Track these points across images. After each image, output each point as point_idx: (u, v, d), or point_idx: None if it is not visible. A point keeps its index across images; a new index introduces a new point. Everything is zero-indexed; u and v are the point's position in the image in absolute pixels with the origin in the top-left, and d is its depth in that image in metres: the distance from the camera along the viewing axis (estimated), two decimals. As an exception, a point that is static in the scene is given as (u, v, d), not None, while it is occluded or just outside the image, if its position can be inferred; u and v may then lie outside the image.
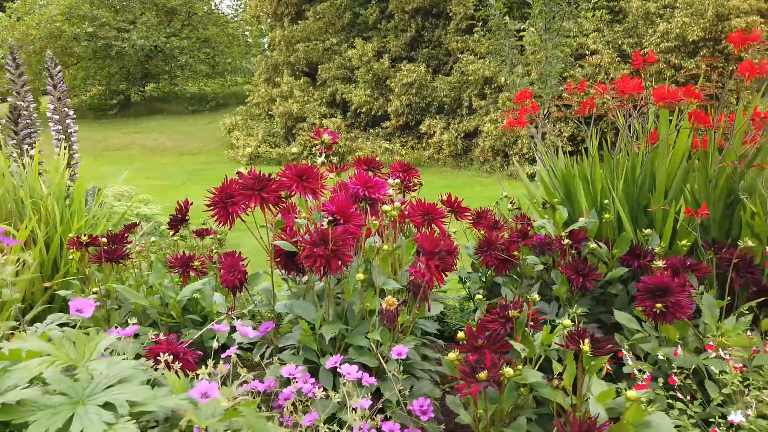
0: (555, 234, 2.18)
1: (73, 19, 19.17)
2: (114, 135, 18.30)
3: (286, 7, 15.41)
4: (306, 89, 14.23)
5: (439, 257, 1.42)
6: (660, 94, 1.92)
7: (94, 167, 12.61)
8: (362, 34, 14.39)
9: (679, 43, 9.05)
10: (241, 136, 14.12)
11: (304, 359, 1.61)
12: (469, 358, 1.42)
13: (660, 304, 1.59)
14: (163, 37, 20.45)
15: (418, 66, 12.61)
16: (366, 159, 1.75)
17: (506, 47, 4.97)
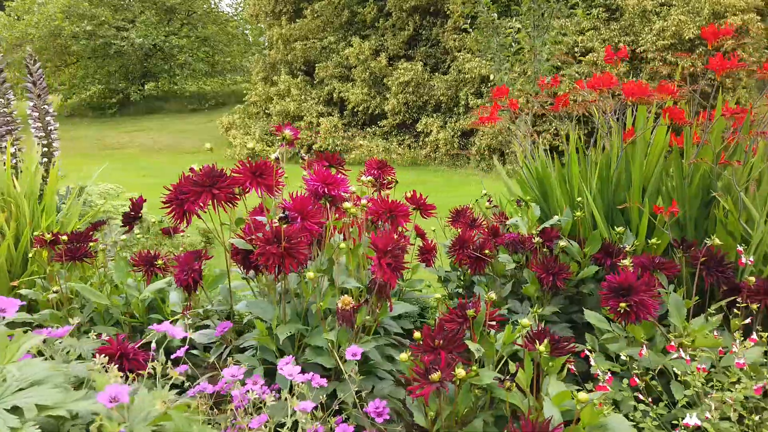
0: (528, 232, 2.14)
1: (72, 17, 19.13)
2: (113, 134, 18.26)
3: (284, 5, 15.36)
4: (303, 88, 14.20)
5: (392, 255, 1.39)
6: (630, 90, 1.89)
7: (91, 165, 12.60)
8: (360, 32, 14.34)
9: (676, 41, 9.00)
10: (238, 134, 14.10)
11: (263, 360, 1.58)
12: (423, 358, 1.39)
13: (624, 303, 1.56)
14: (162, 36, 20.41)
15: (415, 64, 12.56)
16: (327, 155, 1.72)
17: (494, 45, 4.93)
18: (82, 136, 18.00)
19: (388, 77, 12.73)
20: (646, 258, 1.79)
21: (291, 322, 1.56)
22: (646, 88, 1.92)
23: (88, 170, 11.56)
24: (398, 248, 1.42)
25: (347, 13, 14.44)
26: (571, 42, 9.74)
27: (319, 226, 1.55)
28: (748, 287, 1.69)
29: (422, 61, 13.12)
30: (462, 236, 2.25)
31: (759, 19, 8.80)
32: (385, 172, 2.43)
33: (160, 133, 18.04)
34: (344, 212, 1.64)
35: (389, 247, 1.40)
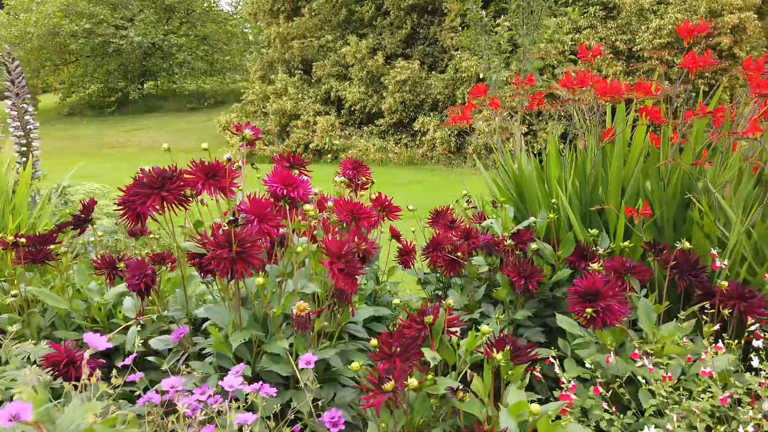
0: (502, 234, 2.10)
1: (71, 15, 19.11)
2: (112, 132, 18.26)
3: (282, 4, 15.32)
4: (300, 86, 14.16)
5: (345, 260, 1.35)
6: (602, 89, 1.84)
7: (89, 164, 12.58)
8: (358, 30, 14.30)
9: (672, 39, 8.95)
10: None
11: (219, 367, 1.54)
12: (378, 366, 1.35)
13: (590, 309, 1.51)
14: (161, 35, 20.39)
15: (413, 63, 12.52)
16: (288, 155, 1.68)
17: (483, 43, 4.88)
18: (81, 135, 18.00)
19: (385, 76, 12.69)
20: (618, 262, 1.75)
21: (248, 328, 1.52)
22: (618, 88, 1.88)
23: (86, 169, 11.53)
24: (353, 252, 1.38)
25: (345, 11, 14.40)
26: (567, 40, 9.69)
27: (277, 229, 1.50)
28: (721, 292, 1.65)
29: (420, 59, 13.08)
30: (436, 238, 2.21)
31: (756, 17, 8.73)
32: (360, 173, 2.39)
33: (159, 131, 18.02)
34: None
35: (343, 251, 1.36)
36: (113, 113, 20.94)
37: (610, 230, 2.17)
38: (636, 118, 2.18)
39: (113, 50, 19.94)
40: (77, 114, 21.22)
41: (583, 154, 2.15)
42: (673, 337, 1.55)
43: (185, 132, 17.75)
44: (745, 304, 1.63)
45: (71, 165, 12.64)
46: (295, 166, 1.66)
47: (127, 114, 20.89)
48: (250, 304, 1.59)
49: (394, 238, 2.40)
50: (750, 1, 8.89)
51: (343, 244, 1.36)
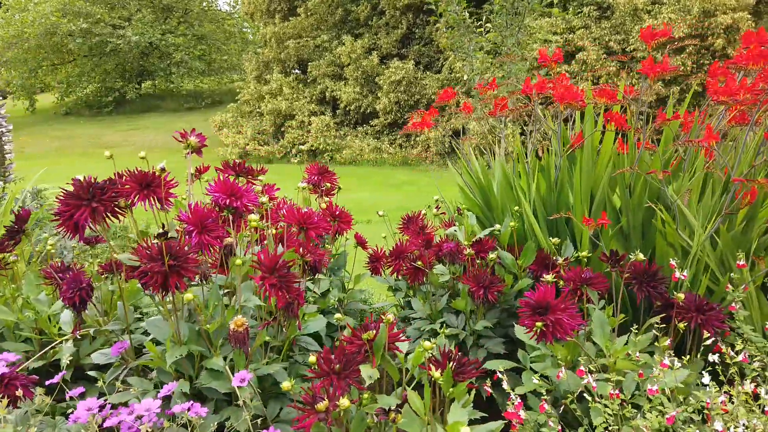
0: (465, 242, 2.06)
1: (68, 15, 19.07)
2: (108, 132, 18.23)
3: (279, 4, 15.27)
4: (295, 86, 14.12)
5: (279, 274, 1.30)
6: (560, 95, 1.80)
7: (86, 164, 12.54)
8: (354, 30, 14.25)
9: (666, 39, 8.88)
10: (230, 133, 14.03)
11: (160, 382, 1.50)
12: (314, 385, 1.31)
13: (540, 322, 1.47)
14: (159, 34, 20.35)
15: (407, 63, 12.47)
16: (235, 163, 1.64)
17: (466, 44, 4.83)
18: (78, 134, 17.97)
19: (380, 76, 12.64)
20: (574, 272, 1.70)
21: (189, 343, 1.47)
22: (577, 93, 1.83)
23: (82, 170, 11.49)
24: (288, 266, 1.33)
25: (341, 11, 14.35)
26: (561, 40, 9.63)
27: (219, 240, 1.46)
28: (677, 304, 1.61)
29: (415, 59, 13.03)
30: (399, 246, 2.18)
31: (749, 18, 8.67)
32: (326, 178, 2.35)
33: (156, 131, 17.98)
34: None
35: (276, 264, 1.32)
36: (110, 113, 20.91)
37: (577, 238, 2.13)
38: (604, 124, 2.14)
39: (110, 50, 19.90)
40: (74, 114, 21.19)
41: (547, 160, 2.11)
42: (626, 351, 1.51)
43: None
44: (703, 317, 1.59)
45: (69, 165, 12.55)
46: (242, 174, 1.62)
47: (124, 114, 20.86)
48: (196, 317, 1.55)
49: (359, 245, 2.36)
50: (744, 2, 8.83)
51: (277, 258, 1.32)
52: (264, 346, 1.60)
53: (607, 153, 2.17)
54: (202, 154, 1.61)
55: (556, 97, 1.85)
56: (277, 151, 13.23)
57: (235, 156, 13.42)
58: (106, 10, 20.21)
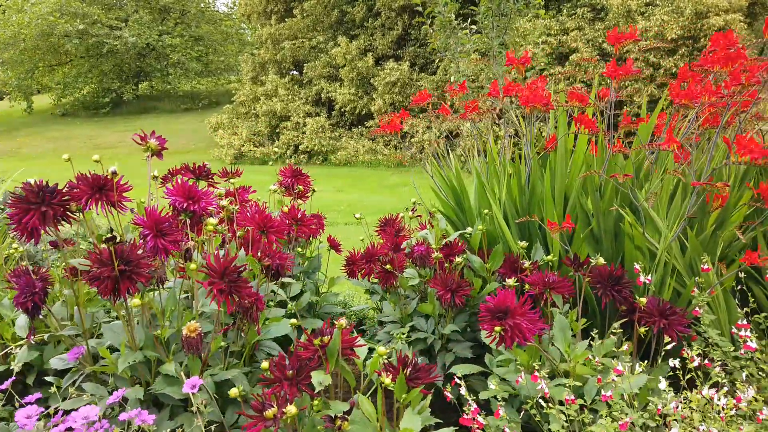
0: (435, 245, 2.05)
1: (65, 16, 19.06)
2: (105, 133, 18.22)
3: (275, 5, 15.27)
4: (291, 88, 14.10)
5: (229, 280, 1.29)
6: (526, 98, 1.79)
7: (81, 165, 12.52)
8: (350, 31, 14.25)
9: (659, 41, 8.88)
10: (226, 134, 14.02)
11: (116, 388, 1.49)
12: (265, 391, 1.30)
13: (499, 326, 1.46)
14: (156, 35, 20.34)
15: (402, 64, 12.46)
16: (194, 166, 1.63)
17: (452, 46, 4.82)
18: (74, 135, 17.96)
19: (375, 77, 12.63)
20: (538, 276, 1.69)
21: (145, 348, 1.46)
22: (542, 96, 1.82)
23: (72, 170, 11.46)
24: (238, 271, 1.32)
25: (337, 12, 14.34)
26: (555, 42, 9.63)
27: (175, 244, 1.45)
28: (641, 308, 1.60)
29: (410, 61, 13.02)
30: (370, 249, 2.16)
31: (741, 19, 8.67)
32: (299, 181, 2.34)
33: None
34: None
35: (226, 269, 1.30)
36: (107, 114, 20.90)
37: (549, 242, 2.12)
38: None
39: (107, 51, 19.90)
40: (71, 115, 21.19)
41: (517, 163, 2.10)
42: (586, 356, 1.50)
43: (178, 133, 17.70)
44: (665, 321, 1.57)
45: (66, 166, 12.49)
46: (200, 178, 1.60)
47: (121, 115, 20.86)
48: (156, 322, 1.54)
49: (332, 248, 2.35)
50: (737, 4, 8.82)
51: (227, 262, 1.31)
52: (225, 351, 1.59)
53: (581, 156, 2.16)
54: (162, 157, 1.59)
55: (522, 101, 1.84)
56: (272, 152, 13.21)
57: (230, 157, 13.42)
58: (103, 11, 20.20)
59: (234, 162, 13.38)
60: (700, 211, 1.99)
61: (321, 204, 8.50)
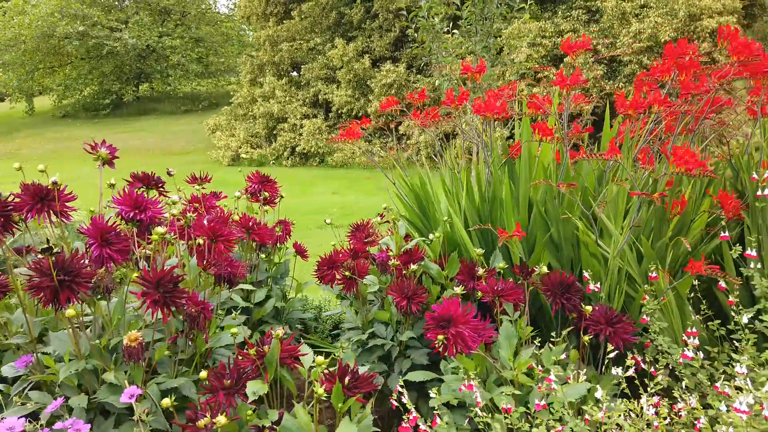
0: (396, 252, 2.06)
1: (65, 18, 19.12)
2: (104, 135, 18.25)
3: (275, 7, 15.30)
4: (288, 89, 14.13)
5: (163, 290, 1.31)
6: (478, 107, 1.80)
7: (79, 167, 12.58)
8: (347, 33, 14.27)
9: (652, 43, 8.88)
10: (223, 136, 14.05)
11: (64, 396, 1.50)
12: (201, 401, 1.31)
13: (442, 335, 1.47)
14: (156, 37, 20.39)
15: (399, 66, 12.48)
16: (143, 175, 1.64)
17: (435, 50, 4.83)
18: (74, 137, 18.00)
19: (372, 79, 12.65)
20: (490, 283, 1.70)
21: (92, 357, 1.48)
22: (493, 105, 1.83)
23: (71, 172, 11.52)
24: (174, 281, 1.33)
25: (335, 14, 14.37)
26: (550, 44, 9.63)
27: (121, 253, 1.46)
28: (586, 316, 1.60)
29: (407, 62, 13.03)
30: (331, 256, 2.17)
31: (735, 21, 8.66)
32: (266, 187, 2.35)
33: (151, 134, 18.02)
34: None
35: (161, 279, 1.32)
36: (108, 115, 20.96)
37: (511, 249, 2.12)
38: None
39: (107, 52, 19.95)
40: (72, 116, 21.25)
41: (477, 169, 2.11)
42: (528, 364, 1.50)
43: (177, 134, 17.75)
44: (611, 329, 1.58)
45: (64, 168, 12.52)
46: (151, 187, 1.62)
47: (121, 116, 20.91)
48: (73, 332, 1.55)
49: (298, 254, 2.36)
50: (731, 6, 8.82)
51: (162, 272, 1.32)
52: (176, 360, 1.60)
53: (544, 163, 2.17)
54: (114, 166, 1.61)
55: (475, 110, 1.85)
56: (269, 153, 13.23)
57: (228, 159, 13.45)
58: (103, 13, 20.26)
59: (231, 164, 13.42)
60: (658, 218, 2.00)
61: (315, 206, 8.54)
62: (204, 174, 2.48)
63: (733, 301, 1.62)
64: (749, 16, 11.87)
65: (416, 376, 1.75)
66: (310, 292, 3.16)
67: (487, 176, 2.08)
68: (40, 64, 20.75)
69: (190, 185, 2.41)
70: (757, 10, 12.24)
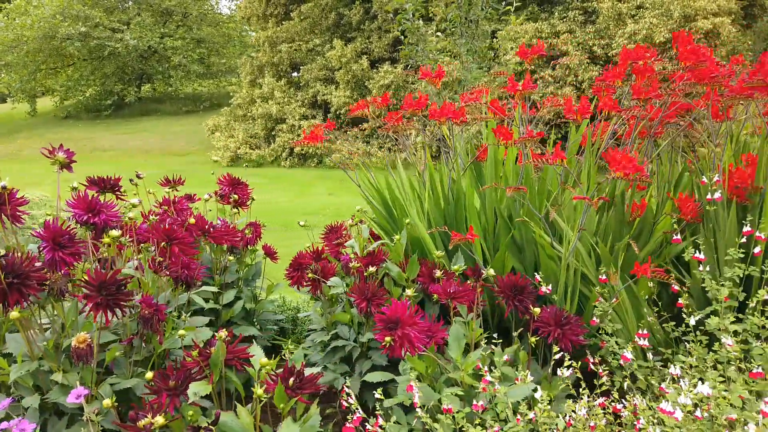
0: (360, 254, 2.08)
1: (67, 19, 19.18)
2: (105, 136, 18.31)
3: (275, 8, 15.34)
4: (287, 90, 14.16)
5: (106, 293, 1.33)
6: (434, 112, 1.82)
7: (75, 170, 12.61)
8: (347, 34, 14.30)
9: (648, 44, 8.88)
10: (222, 137, 14.09)
11: (20, 397, 1.53)
12: (144, 402, 1.33)
13: (389, 337, 1.49)
14: (157, 38, 20.44)
15: (397, 67, 12.50)
16: (99, 179, 1.67)
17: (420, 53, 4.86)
18: (75, 138, 18.05)
19: (370, 80, 12.68)
20: (443, 286, 1.73)
21: (45, 358, 1.50)
22: (448, 110, 1.85)
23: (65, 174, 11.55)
24: (118, 284, 1.36)
25: (334, 15, 14.40)
26: (545, 45, 9.63)
27: (75, 257, 1.49)
28: (536, 318, 1.63)
29: (405, 63, 13.06)
30: (298, 258, 2.20)
31: (730, 22, 8.65)
32: (236, 190, 2.38)
33: (152, 135, 18.07)
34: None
35: (103, 282, 1.34)
36: (109, 116, 21.00)
37: (475, 251, 2.14)
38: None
39: (109, 53, 20.00)
40: (74, 117, 21.31)
41: (441, 172, 2.14)
42: (474, 365, 1.53)
43: (178, 135, 17.78)
44: (560, 330, 1.60)
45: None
46: (107, 190, 1.64)
47: (123, 117, 20.95)
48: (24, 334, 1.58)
49: (267, 256, 2.39)
50: (726, 7, 8.81)
51: (105, 275, 1.34)
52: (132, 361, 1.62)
53: (510, 166, 2.19)
54: (72, 170, 1.63)
55: (431, 115, 1.88)
56: (268, 154, 13.27)
57: (227, 160, 13.49)
58: (105, 14, 20.32)
59: (230, 164, 13.45)
60: (618, 222, 2.03)
61: (311, 207, 8.58)
62: (177, 177, 2.51)
63: (682, 303, 1.64)
64: (749, 17, 11.84)
65: (375, 377, 1.77)
66: (289, 293, 3.18)
67: (448, 179, 2.10)
68: (42, 65, 20.82)
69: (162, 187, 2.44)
70: (757, 11, 12.21)
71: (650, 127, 1.99)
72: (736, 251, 1.62)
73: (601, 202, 1.82)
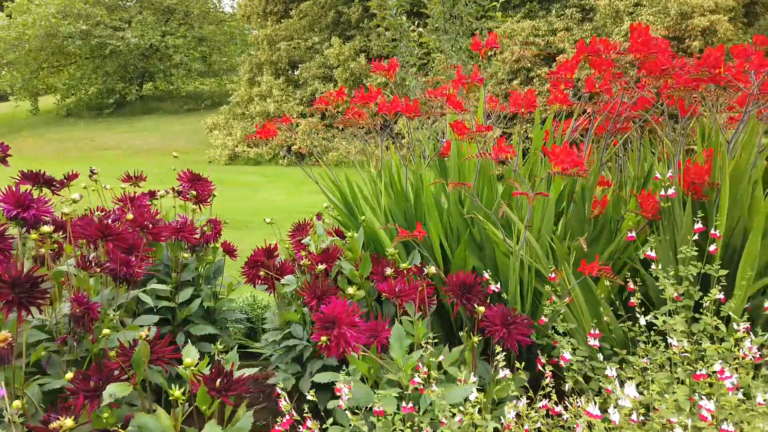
0: (316, 252, 2.03)
1: (68, 17, 19.19)
2: (106, 134, 18.31)
3: (274, 6, 15.31)
4: (285, 89, 14.13)
5: (19, 290, 1.29)
6: (384, 106, 1.77)
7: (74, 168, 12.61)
8: (346, 32, 14.26)
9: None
10: (220, 135, 14.07)
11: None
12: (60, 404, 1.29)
13: (325, 336, 1.45)
14: (159, 36, 20.44)
15: (395, 65, 12.44)
16: (31, 173, 1.62)
17: (403, 49, 4.81)
18: (75, 137, 18.07)
19: (368, 78, 12.63)
20: (388, 285, 1.68)
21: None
22: (397, 105, 1.80)
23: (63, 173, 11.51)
24: (34, 281, 1.31)
25: (333, 13, 14.37)
26: (543, 43, 9.58)
27: (4, 254, 1.45)
28: (481, 317, 1.58)
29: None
30: (254, 256, 2.15)
31: (727, 20, 8.57)
32: (195, 186, 2.33)
33: (152, 133, 18.06)
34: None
35: (16, 279, 1.30)
36: (111, 114, 21.01)
37: (435, 248, 2.10)
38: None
39: (111, 51, 20.01)
40: (75, 115, 21.32)
41: (398, 169, 2.09)
42: (415, 365, 1.48)
43: (178, 134, 17.77)
44: (506, 330, 1.55)
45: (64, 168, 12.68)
46: (41, 185, 1.60)
47: (124, 115, 20.95)
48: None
49: (226, 253, 2.34)
50: (724, 4, 8.72)
51: (19, 272, 1.30)
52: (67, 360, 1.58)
53: (473, 163, 2.14)
54: (8, 164, 1.59)
55: (380, 108, 1.83)
56: (266, 152, 13.24)
57: (225, 158, 13.47)
58: (106, 12, 20.32)
59: (229, 163, 13.44)
60: (578, 219, 1.97)
61: (304, 205, 8.52)
62: (139, 173, 2.46)
63: (634, 302, 1.59)
64: (750, 15, 11.75)
65: (323, 377, 1.72)
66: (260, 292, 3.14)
67: (404, 174, 2.05)
68: (44, 64, 20.84)
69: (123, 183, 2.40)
70: (759, 9, 12.11)
71: (613, 122, 1.94)
72: (689, 249, 1.56)
73: (554, 197, 1.77)
